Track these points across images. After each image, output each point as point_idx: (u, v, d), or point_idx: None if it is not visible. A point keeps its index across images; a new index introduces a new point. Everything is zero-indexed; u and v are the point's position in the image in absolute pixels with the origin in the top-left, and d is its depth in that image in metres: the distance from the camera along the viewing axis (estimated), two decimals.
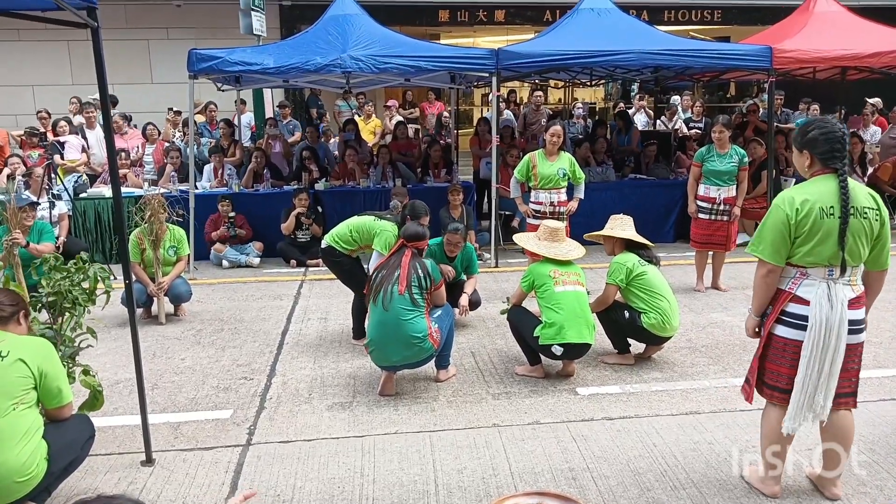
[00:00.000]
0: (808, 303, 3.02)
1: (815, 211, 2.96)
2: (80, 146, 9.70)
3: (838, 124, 3.08)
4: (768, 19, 12.66)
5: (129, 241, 6.01)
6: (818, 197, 2.99)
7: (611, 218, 5.25)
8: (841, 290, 3.01)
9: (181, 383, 4.86)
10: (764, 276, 3.11)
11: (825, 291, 3.00)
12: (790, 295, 3.07)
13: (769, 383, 3.21)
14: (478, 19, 14.75)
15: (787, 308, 3.09)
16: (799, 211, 2.97)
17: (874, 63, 8.41)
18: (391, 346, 4.42)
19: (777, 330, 3.14)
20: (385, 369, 4.57)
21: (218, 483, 3.54)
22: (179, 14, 13.49)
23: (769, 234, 3.05)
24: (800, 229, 2.98)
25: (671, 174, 9.77)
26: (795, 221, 2.98)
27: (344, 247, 5.42)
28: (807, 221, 2.96)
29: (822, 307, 2.99)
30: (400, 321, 4.37)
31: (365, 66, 7.52)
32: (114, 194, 3.62)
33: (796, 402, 3.08)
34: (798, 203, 2.99)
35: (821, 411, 3.07)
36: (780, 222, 3.01)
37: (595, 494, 3.37)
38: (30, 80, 13.39)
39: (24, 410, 3.00)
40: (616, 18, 8.49)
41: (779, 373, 3.16)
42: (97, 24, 3.24)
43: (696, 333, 5.70)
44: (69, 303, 3.85)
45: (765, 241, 3.06)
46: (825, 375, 3.03)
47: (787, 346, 3.11)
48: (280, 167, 9.88)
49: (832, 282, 3.02)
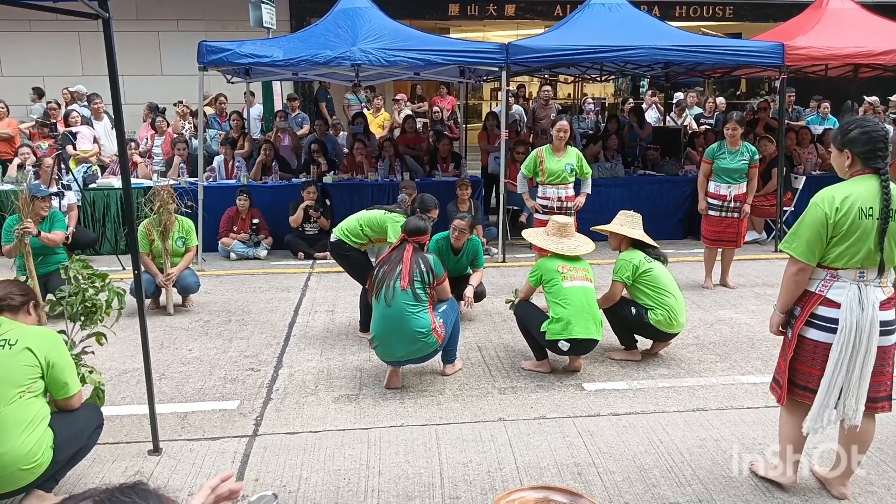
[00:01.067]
0: (839, 306, 2.97)
1: (854, 211, 2.90)
2: (92, 136, 9.75)
3: (880, 123, 3.04)
4: (780, 16, 12.59)
5: (138, 231, 6.02)
6: (858, 196, 2.93)
7: (620, 213, 5.23)
8: (872, 293, 2.97)
9: (189, 373, 4.88)
10: (794, 275, 3.05)
11: (856, 294, 2.96)
12: (820, 297, 3.02)
13: (800, 384, 3.15)
14: (488, 13, 14.71)
15: (816, 311, 3.04)
16: (839, 210, 2.91)
17: (887, 61, 8.34)
18: (395, 341, 4.42)
19: (807, 333, 3.09)
20: (390, 364, 4.58)
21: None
22: (190, 6, 13.51)
23: (806, 231, 2.98)
24: (837, 229, 2.92)
25: (680, 170, 9.73)
26: (834, 220, 2.92)
27: (354, 241, 5.42)
28: (845, 221, 2.90)
29: (853, 310, 2.94)
30: (403, 316, 4.36)
31: (374, 59, 7.51)
32: (123, 185, 3.63)
33: (820, 403, 3.03)
34: (838, 202, 2.92)
35: (853, 415, 3.01)
36: (818, 221, 2.94)
37: (600, 490, 3.37)
38: (40, 70, 13.41)
39: (31, 399, 3.02)
40: (627, 13, 8.44)
41: (811, 374, 3.11)
42: (108, 14, 3.24)
43: (703, 330, 5.68)
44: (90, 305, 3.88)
45: (800, 238, 3.00)
46: (855, 378, 2.98)
47: (818, 349, 3.06)
48: (289, 160, 9.89)
49: (863, 284, 2.97)
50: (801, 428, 3.16)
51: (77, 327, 3.85)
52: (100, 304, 3.93)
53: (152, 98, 11.91)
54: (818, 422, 3.05)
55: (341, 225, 5.58)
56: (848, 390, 2.99)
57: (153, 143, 10.16)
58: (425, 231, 4.72)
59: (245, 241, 8.32)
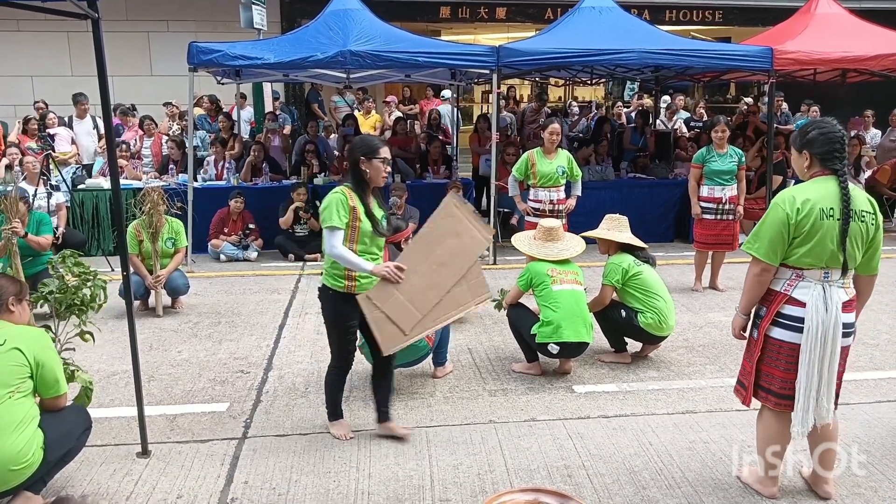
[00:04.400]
0: (804, 305, 3.01)
1: (815, 211, 2.94)
2: (70, 138, 9.71)
3: (837, 125, 3.07)
4: (769, 20, 12.66)
5: (127, 233, 5.99)
6: (818, 197, 2.97)
7: (605, 217, 5.25)
8: (836, 293, 3.00)
9: (178, 376, 4.85)
10: (757, 275, 3.09)
11: (821, 294, 2.99)
12: (785, 297, 3.05)
13: (764, 386, 3.19)
14: (479, 16, 14.73)
15: (782, 310, 3.07)
16: (800, 211, 2.95)
17: (874, 66, 8.42)
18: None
19: (772, 332, 3.12)
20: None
21: (214, 475, 3.54)
22: (180, 6, 13.46)
23: (767, 232, 3.03)
24: (799, 229, 2.97)
25: (670, 174, 9.78)
26: (795, 221, 2.96)
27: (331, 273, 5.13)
28: (807, 222, 2.95)
29: (819, 310, 2.98)
30: None
31: (366, 61, 7.51)
32: (112, 186, 3.62)
33: (802, 406, 3.05)
34: (799, 203, 2.96)
35: (826, 415, 3.06)
36: (780, 221, 2.99)
37: (590, 492, 3.38)
38: (29, 70, 13.33)
39: (20, 399, 3.00)
40: (617, 17, 8.48)
41: (772, 375, 3.14)
42: (97, 14, 3.23)
43: (693, 333, 5.71)
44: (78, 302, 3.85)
45: (762, 239, 3.04)
46: (825, 379, 3.02)
47: (783, 349, 3.09)
48: (279, 161, 9.87)
49: (827, 284, 3.01)
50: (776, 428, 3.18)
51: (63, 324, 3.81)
52: (85, 300, 3.89)
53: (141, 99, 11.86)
54: (804, 425, 3.06)
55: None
56: (820, 391, 3.03)
57: (142, 144, 10.11)
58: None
59: (235, 242, 8.29)
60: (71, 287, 3.84)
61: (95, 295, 3.91)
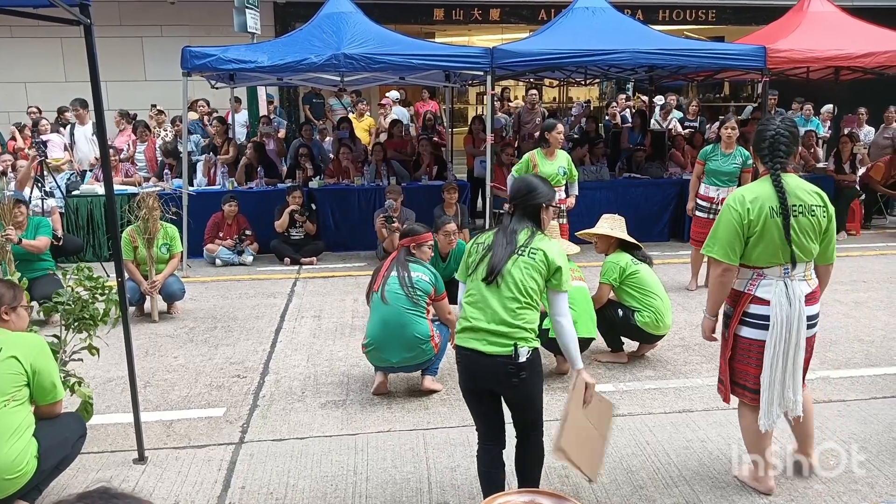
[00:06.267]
0: (769, 303, 3.07)
1: (765, 210, 3.01)
2: (63, 144, 9.69)
3: (776, 122, 3.11)
4: (762, 19, 12.69)
5: (122, 238, 5.98)
6: (766, 196, 3.03)
7: (603, 217, 5.25)
8: (798, 287, 3.07)
9: (174, 381, 4.84)
10: (719, 276, 3.14)
11: (783, 290, 3.05)
12: (750, 296, 3.12)
13: (739, 382, 3.27)
14: (473, 18, 14.75)
15: (748, 309, 3.14)
16: (750, 210, 3.01)
17: (867, 63, 8.44)
18: (393, 346, 4.36)
19: (741, 331, 3.19)
20: (380, 370, 4.55)
21: (211, 481, 3.53)
22: (173, 12, 13.44)
23: (723, 233, 3.08)
24: (752, 228, 3.02)
25: (665, 173, 9.79)
26: (748, 221, 3.02)
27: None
28: (758, 221, 3.01)
29: (782, 306, 3.04)
30: (403, 320, 4.31)
31: (360, 64, 7.51)
32: (106, 192, 3.61)
33: (766, 399, 3.13)
34: (748, 202, 3.03)
35: (794, 407, 3.14)
36: (733, 221, 3.05)
37: (588, 492, 3.38)
38: (22, 77, 13.31)
39: (16, 407, 2.99)
40: (610, 18, 8.50)
41: (746, 372, 3.22)
42: (90, 21, 3.23)
43: (689, 332, 5.71)
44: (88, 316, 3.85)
45: (719, 241, 3.09)
46: (790, 371, 3.09)
47: (753, 347, 3.16)
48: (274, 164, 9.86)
49: (789, 279, 3.07)
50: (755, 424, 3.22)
51: (71, 334, 3.81)
52: (97, 314, 3.90)
53: (135, 104, 11.85)
54: (769, 417, 3.15)
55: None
56: (784, 383, 3.10)
57: (135, 149, 10.10)
58: (415, 233, 4.65)
59: (230, 247, 8.28)
60: (82, 300, 3.84)
61: (108, 310, 3.92)
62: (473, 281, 2.97)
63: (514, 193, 3.05)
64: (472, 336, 2.91)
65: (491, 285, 2.88)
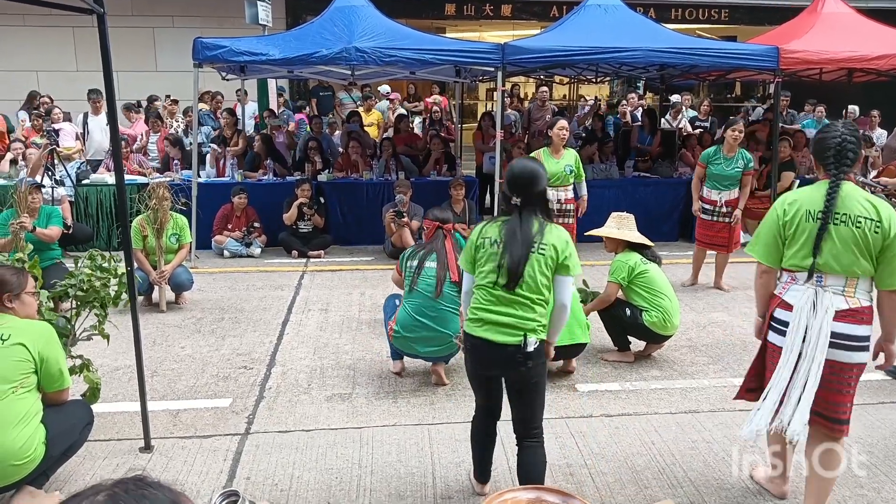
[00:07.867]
0: (792, 308, 2.95)
1: (801, 213, 2.94)
2: (75, 133, 9.71)
3: (838, 130, 2.97)
4: (775, 19, 12.63)
5: (131, 228, 6.00)
6: (807, 199, 2.96)
7: (612, 216, 5.23)
8: (829, 298, 2.89)
9: (181, 371, 4.86)
10: (759, 277, 3.13)
11: (811, 297, 2.91)
12: (779, 300, 3.04)
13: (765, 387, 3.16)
14: (484, 14, 14.72)
15: (774, 314, 3.06)
16: (787, 212, 2.98)
17: (881, 65, 8.38)
18: (427, 340, 4.39)
19: (769, 337, 3.10)
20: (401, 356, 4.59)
21: (216, 471, 3.54)
22: (185, 2, 13.47)
23: (763, 233, 3.07)
24: (787, 230, 2.98)
25: (675, 173, 9.75)
26: (783, 222, 2.98)
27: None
28: (793, 222, 2.96)
29: (805, 312, 2.90)
30: (446, 318, 4.32)
31: (370, 58, 7.51)
32: (117, 182, 3.62)
33: (760, 405, 2.98)
34: (787, 203, 3.00)
35: (789, 428, 2.86)
36: (773, 222, 3.03)
37: (592, 491, 3.37)
38: (34, 65, 13.35)
39: (24, 394, 3.01)
40: (623, 15, 8.46)
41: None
42: (103, 10, 3.23)
43: (696, 332, 5.69)
44: (98, 301, 3.87)
45: (760, 241, 3.08)
46: (795, 385, 2.88)
47: (774, 353, 3.05)
48: (283, 156, 9.87)
49: (821, 288, 2.92)
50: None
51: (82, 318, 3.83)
52: (107, 298, 3.93)
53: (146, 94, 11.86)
54: (750, 425, 2.98)
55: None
56: (785, 394, 2.90)
57: (147, 139, 10.12)
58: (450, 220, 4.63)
59: (239, 238, 8.29)
60: (94, 286, 3.87)
61: (120, 292, 3.96)
62: (486, 277, 2.98)
63: (517, 183, 3.01)
64: (482, 326, 2.97)
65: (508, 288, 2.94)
